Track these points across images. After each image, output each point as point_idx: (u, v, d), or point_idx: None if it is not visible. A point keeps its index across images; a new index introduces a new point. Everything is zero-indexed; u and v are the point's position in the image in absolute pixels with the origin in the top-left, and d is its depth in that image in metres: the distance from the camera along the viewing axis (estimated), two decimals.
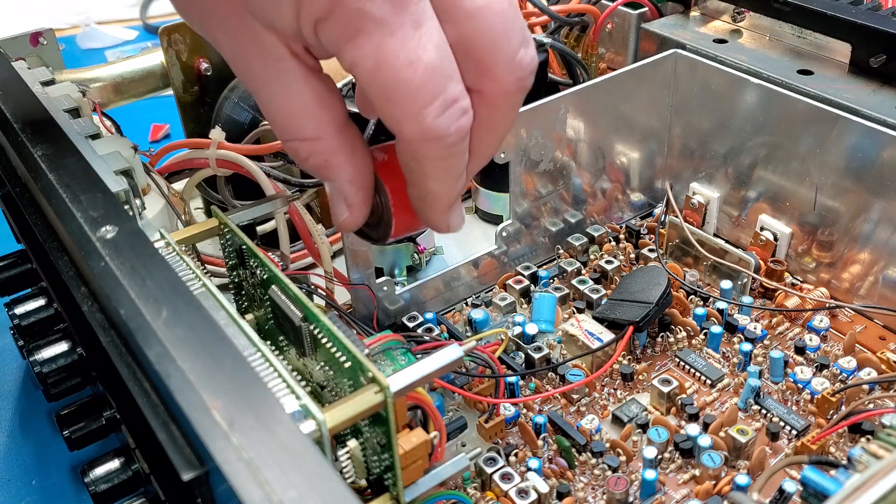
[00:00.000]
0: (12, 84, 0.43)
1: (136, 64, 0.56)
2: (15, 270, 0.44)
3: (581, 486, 0.39)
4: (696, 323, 0.47)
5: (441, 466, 0.32)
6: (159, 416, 0.26)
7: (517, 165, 0.49)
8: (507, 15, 0.29)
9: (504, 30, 0.29)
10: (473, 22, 0.28)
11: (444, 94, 0.28)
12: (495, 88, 0.30)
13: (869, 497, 0.25)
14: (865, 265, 0.47)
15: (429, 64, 0.27)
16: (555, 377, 0.45)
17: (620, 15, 0.58)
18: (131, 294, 0.28)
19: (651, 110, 0.53)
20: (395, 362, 0.37)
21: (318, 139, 0.31)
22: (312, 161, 0.31)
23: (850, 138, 0.45)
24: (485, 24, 0.29)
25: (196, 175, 0.49)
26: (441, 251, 0.55)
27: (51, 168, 0.35)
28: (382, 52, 0.27)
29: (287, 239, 0.47)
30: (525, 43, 0.30)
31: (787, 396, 0.43)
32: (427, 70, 0.27)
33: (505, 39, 0.29)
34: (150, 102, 0.60)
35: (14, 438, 0.48)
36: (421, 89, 0.28)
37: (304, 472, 0.22)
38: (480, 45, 0.29)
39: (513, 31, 0.29)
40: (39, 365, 0.38)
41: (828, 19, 0.49)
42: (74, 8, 1.03)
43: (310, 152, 0.31)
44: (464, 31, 0.29)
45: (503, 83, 0.30)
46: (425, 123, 0.28)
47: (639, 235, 0.54)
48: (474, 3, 0.28)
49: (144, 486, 0.34)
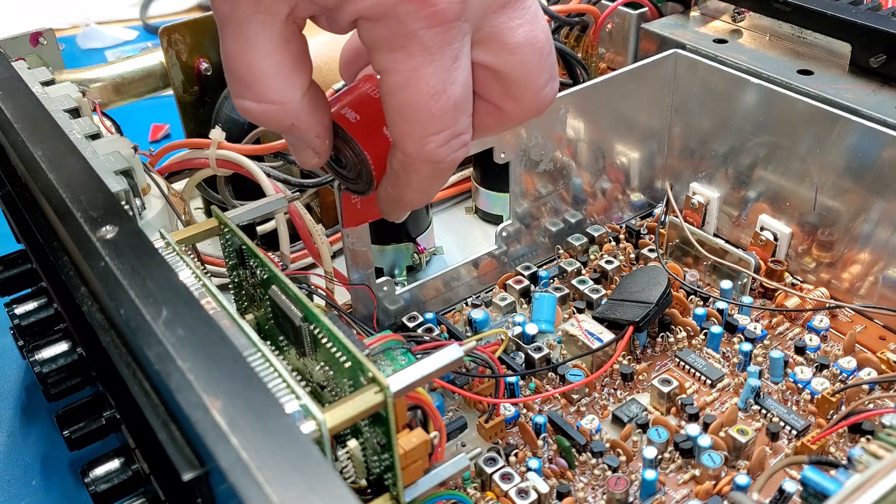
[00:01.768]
0: (12, 84, 0.43)
1: (136, 64, 0.56)
2: (15, 270, 0.44)
3: (581, 486, 0.39)
4: (696, 323, 0.47)
5: (441, 466, 0.32)
6: (159, 416, 0.26)
7: (517, 165, 0.49)
8: (544, 52, 0.31)
9: (538, 65, 0.31)
10: (512, 56, 0.30)
11: (454, 127, 0.30)
12: (515, 112, 0.32)
13: (869, 497, 0.25)
14: (865, 265, 0.47)
15: (451, 98, 0.29)
16: (555, 377, 0.45)
17: (620, 15, 0.58)
18: (131, 294, 0.27)
19: (651, 110, 0.53)
20: (395, 362, 0.37)
21: (287, 103, 0.30)
22: (276, 124, 0.31)
23: (850, 138, 0.45)
24: (522, 59, 0.30)
25: (196, 175, 0.49)
26: (441, 251, 0.55)
27: (51, 168, 0.35)
28: (416, 75, 0.28)
29: (287, 239, 0.47)
30: (553, 78, 0.32)
31: (787, 396, 0.43)
32: (447, 103, 0.29)
33: (537, 74, 0.31)
34: (150, 102, 0.60)
35: (14, 438, 0.48)
36: (436, 119, 0.29)
37: (304, 472, 0.22)
38: (513, 77, 0.31)
39: (545, 66, 0.31)
40: (39, 365, 0.38)
41: (828, 19, 0.49)
42: (74, 8, 1.03)
43: (277, 116, 0.30)
44: (501, 62, 0.30)
45: (524, 110, 0.32)
46: (427, 148, 0.30)
47: (639, 235, 0.54)
48: (517, 38, 0.30)
49: (144, 486, 0.34)
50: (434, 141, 0.29)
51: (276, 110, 0.30)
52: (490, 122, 0.32)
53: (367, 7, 0.27)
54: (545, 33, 0.31)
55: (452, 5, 0.27)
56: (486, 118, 0.32)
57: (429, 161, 0.30)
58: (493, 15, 0.29)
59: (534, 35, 0.30)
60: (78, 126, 0.41)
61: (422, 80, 0.28)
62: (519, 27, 0.30)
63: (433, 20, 0.27)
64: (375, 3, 0.27)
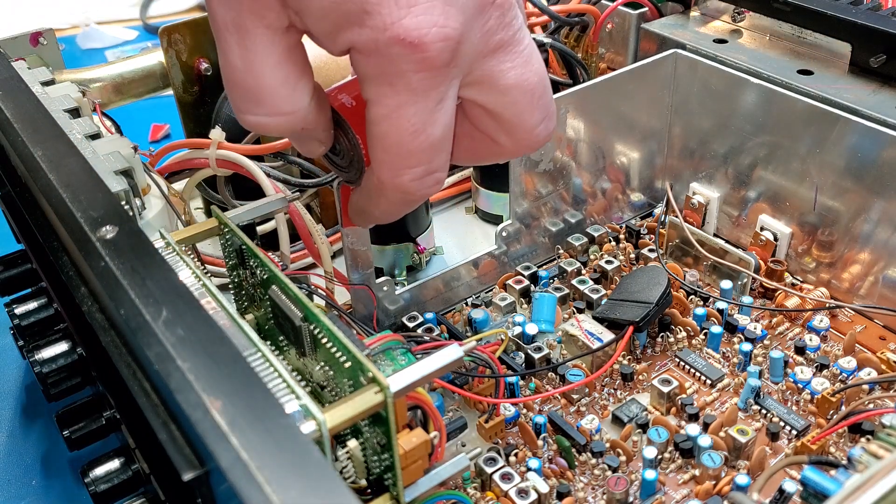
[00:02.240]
0: (12, 84, 0.43)
1: (136, 64, 0.56)
2: (15, 270, 0.44)
3: (581, 486, 0.39)
4: (696, 323, 0.47)
5: (441, 466, 0.32)
6: (159, 416, 0.26)
7: (517, 165, 0.49)
8: (536, 93, 0.31)
9: (529, 106, 0.31)
10: (503, 97, 0.31)
11: (429, 165, 0.31)
12: (510, 146, 0.33)
13: (869, 497, 0.25)
14: (865, 265, 0.47)
15: (430, 138, 0.30)
16: (555, 377, 0.45)
17: (620, 15, 0.58)
18: (131, 294, 0.27)
19: (651, 110, 0.53)
20: (395, 362, 0.37)
21: (297, 112, 0.31)
22: (289, 132, 0.32)
23: (850, 138, 0.45)
24: (513, 100, 0.31)
25: (196, 175, 0.49)
26: (441, 251, 0.55)
27: (51, 168, 0.35)
28: (398, 112, 0.29)
29: (287, 239, 0.47)
30: (547, 118, 0.32)
31: (787, 396, 0.43)
32: (425, 142, 0.30)
33: (529, 115, 0.32)
34: (150, 102, 0.60)
35: (14, 438, 0.48)
36: (413, 155, 0.30)
37: (304, 472, 0.22)
38: (505, 116, 0.31)
39: (538, 107, 0.32)
40: (39, 365, 0.38)
41: (828, 19, 0.49)
42: (74, 8, 1.03)
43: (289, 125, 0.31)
44: (492, 101, 0.31)
45: (519, 146, 0.33)
46: (401, 180, 0.31)
47: (639, 235, 0.54)
48: (507, 81, 0.30)
49: (144, 486, 0.34)
50: (408, 174, 0.30)
51: (287, 120, 0.31)
52: (486, 153, 0.33)
53: (362, 41, 0.28)
54: (538, 75, 0.31)
55: (443, 53, 0.28)
56: (482, 148, 0.33)
57: (400, 191, 0.31)
58: (484, 59, 0.30)
59: (525, 78, 0.31)
60: (78, 126, 0.41)
61: (404, 117, 0.29)
62: (510, 70, 0.30)
63: (422, 65, 0.28)
64: (369, 39, 0.27)
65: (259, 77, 0.29)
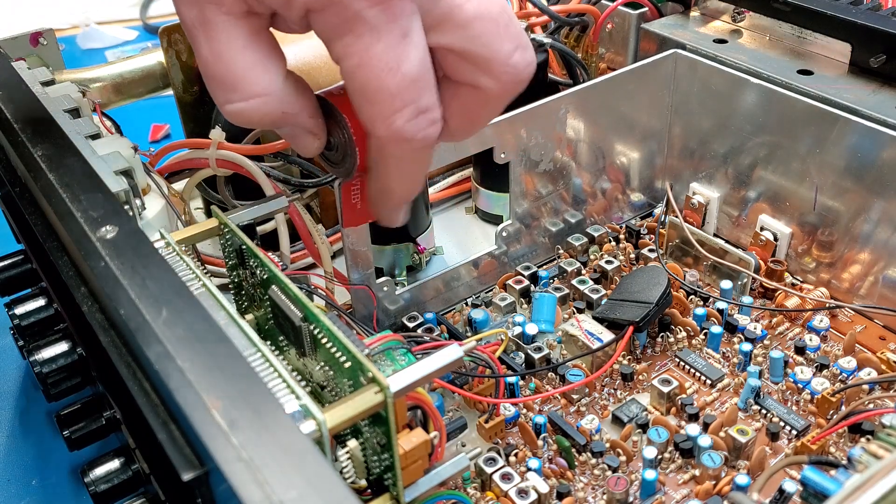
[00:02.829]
0: (12, 84, 0.43)
1: (136, 64, 0.56)
2: (15, 270, 0.44)
3: (581, 486, 0.39)
4: (696, 323, 0.47)
5: (441, 466, 0.32)
6: (159, 416, 0.26)
7: (517, 165, 0.49)
8: (500, 21, 0.31)
9: (497, 35, 0.31)
10: (466, 31, 0.30)
11: (417, 102, 0.30)
12: (494, 87, 0.32)
13: (869, 497, 0.25)
14: (865, 265, 0.47)
15: (407, 72, 0.29)
16: (555, 377, 0.45)
17: (620, 15, 0.58)
18: (131, 294, 0.27)
19: (651, 110, 0.53)
20: (395, 362, 0.37)
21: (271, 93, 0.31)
22: (268, 118, 0.32)
23: (850, 138, 0.45)
24: (478, 32, 0.30)
25: (196, 175, 0.49)
26: (441, 251, 0.55)
27: (51, 168, 0.35)
28: (367, 54, 0.29)
29: (287, 239, 0.47)
30: (521, 46, 0.31)
31: (787, 396, 0.43)
32: (405, 78, 0.29)
33: (499, 44, 0.31)
34: (150, 102, 0.60)
35: (14, 438, 0.48)
36: (396, 95, 0.29)
37: (304, 472, 0.22)
38: (475, 52, 0.31)
39: (506, 35, 0.31)
40: (39, 365, 0.38)
41: (828, 19, 0.49)
42: (74, 8, 1.03)
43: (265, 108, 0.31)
44: (458, 39, 0.30)
45: (502, 83, 0.32)
46: (395, 126, 0.30)
47: (639, 235, 0.54)
48: (466, 14, 0.30)
49: (144, 486, 0.34)
50: (399, 117, 0.30)
51: (262, 102, 0.31)
52: (476, 106, 0.32)
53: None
54: (499, 5, 0.31)
55: None
56: (470, 102, 0.32)
57: (399, 140, 0.30)
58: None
59: (484, 6, 0.30)
60: (78, 126, 0.41)
61: (374, 57, 0.29)
62: (467, 2, 0.30)
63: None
64: None
65: (228, 63, 0.30)
